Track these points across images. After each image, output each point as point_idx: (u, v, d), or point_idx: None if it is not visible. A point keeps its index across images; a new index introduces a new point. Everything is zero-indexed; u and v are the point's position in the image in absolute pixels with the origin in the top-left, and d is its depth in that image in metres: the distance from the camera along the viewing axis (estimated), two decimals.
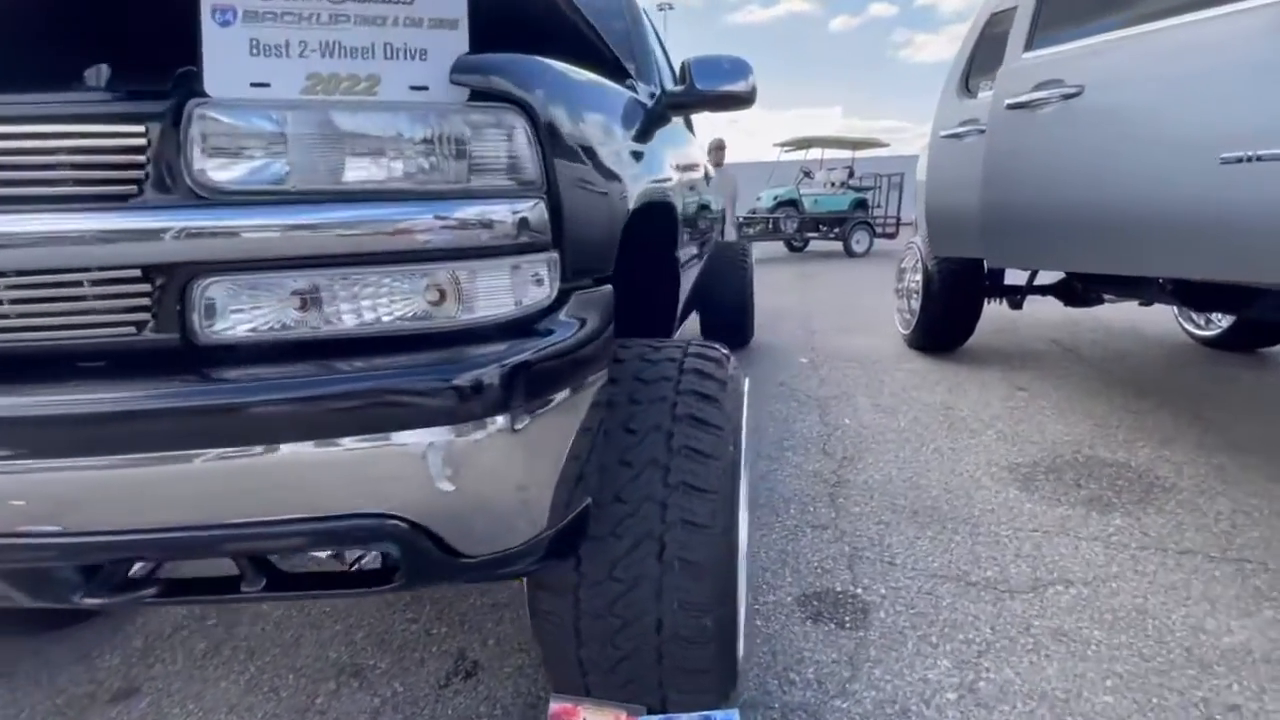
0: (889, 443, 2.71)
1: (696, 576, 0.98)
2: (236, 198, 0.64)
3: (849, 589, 1.71)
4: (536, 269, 0.77)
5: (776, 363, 4.10)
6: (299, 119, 0.64)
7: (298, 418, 0.63)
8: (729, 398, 1.13)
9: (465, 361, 0.68)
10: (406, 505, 0.68)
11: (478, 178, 0.70)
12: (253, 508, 0.65)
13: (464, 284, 0.71)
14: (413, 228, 0.67)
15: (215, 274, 0.65)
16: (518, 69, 0.73)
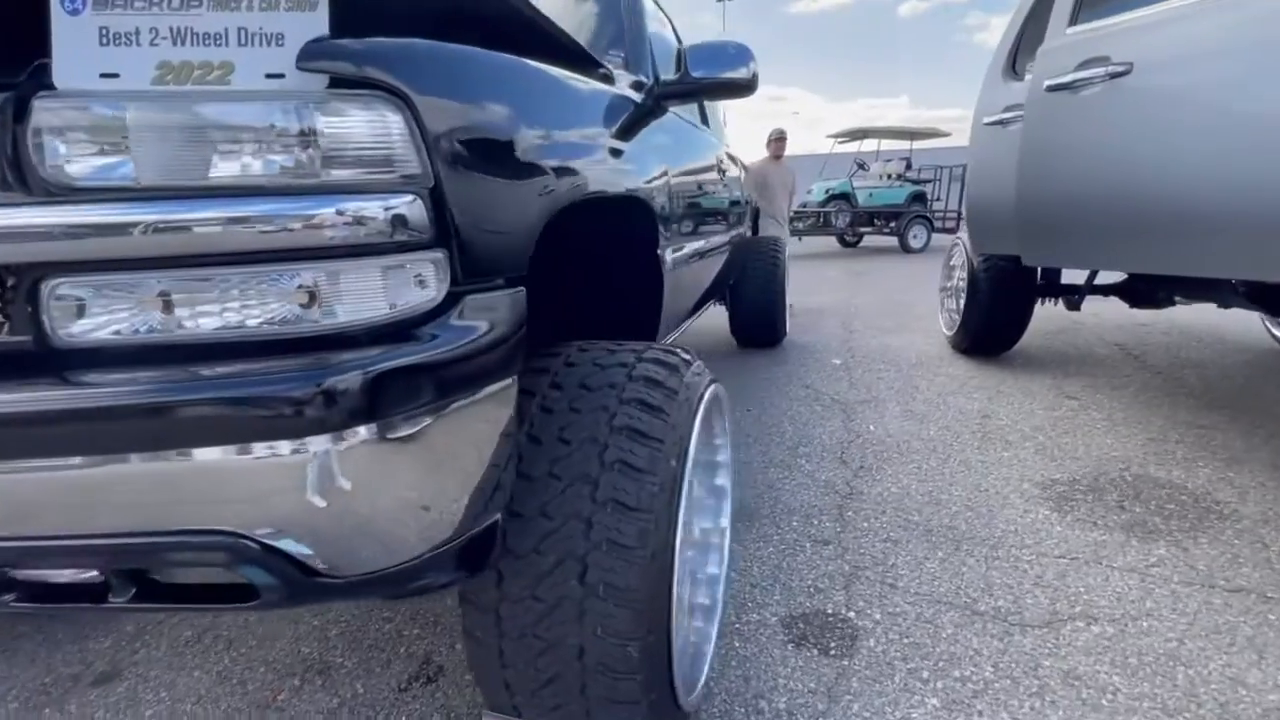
0: (913, 453, 2.54)
1: (620, 602, 0.91)
2: (82, 195, 0.61)
3: (841, 611, 1.59)
4: (418, 269, 0.71)
5: (806, 364, 3.94)
6: (143, 111, 0.60)
7: (132, 427, 0.60)
8: (677, 409, 1.05)
9: (319, 369, 0.63)
10: (254, 522, 0.64)
11: (341, 171, 0.65)
12: (90, 520, 0.62)
13: (327, 286, 0.66)
14: (268, 226, 0.63)
15: (65, 274, 0.62)
16: (387, 52, 0.67)
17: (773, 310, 4.06)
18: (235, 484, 0.63)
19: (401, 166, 0.68)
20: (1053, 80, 2.11)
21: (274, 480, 0.64)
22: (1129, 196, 1.89)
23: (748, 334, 4.28)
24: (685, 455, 1.03)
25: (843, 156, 12.22)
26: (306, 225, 0.64)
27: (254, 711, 1.35)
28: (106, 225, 0.61)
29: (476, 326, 0.77)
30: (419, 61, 0.70)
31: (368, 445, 0.66)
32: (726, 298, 4.17)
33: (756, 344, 4.34)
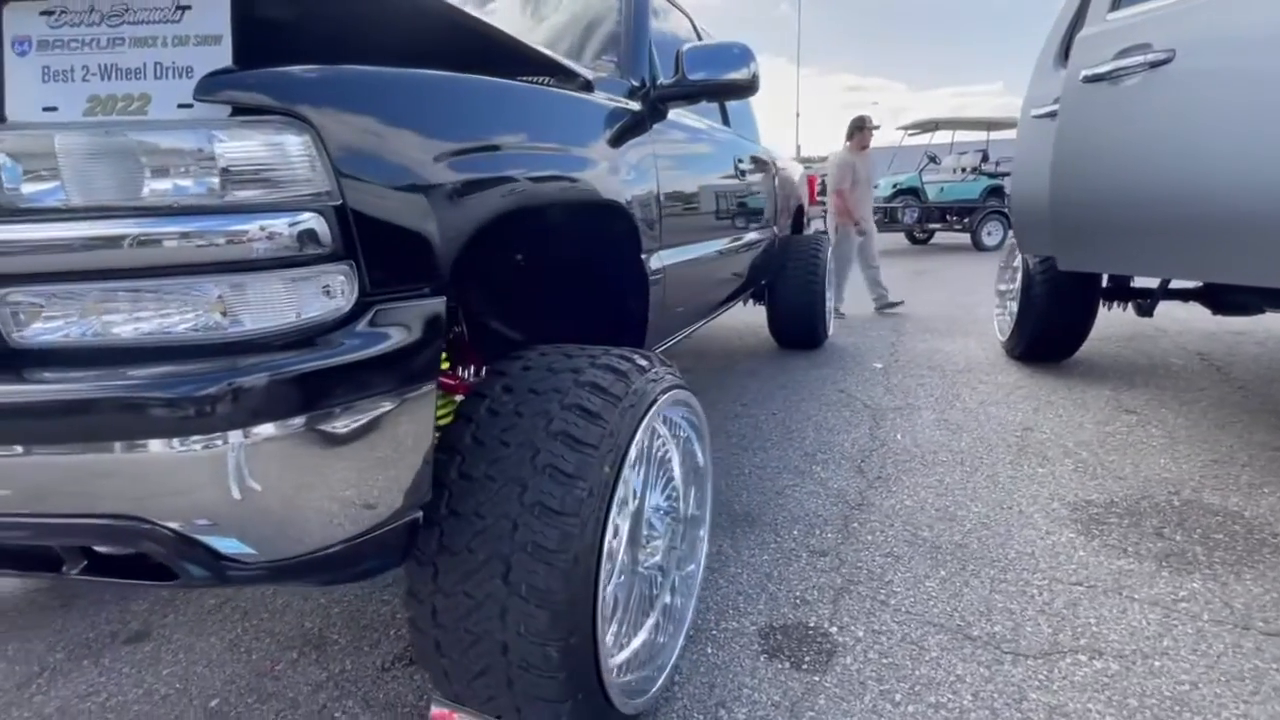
0: (938, 465, 2.43)
1: (540, 603, 0.93)
2: (24, 215, 0.69)
3: (823, 625, 1.56)
4: (325, 280, 0.76)
5: (844, 367, 3.82)
6: (71, 139, 0.68)
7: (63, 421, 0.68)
8: (618, 415, 1.07)
9: (223, 372, 0.69)
10: (164, 510, 0.71)
11: (247, 191, 0.71)
12: (30, 502, 0.71)
13: (236, 297, 0.72)
14: (180, 242, 0.69)
15: (13, 285, 0.71)
16: (287, 80, 0.72)
17: (811, 311, 3.95)
18: (145, 475, 0.70)
19: (306, 185, 0.73)
20: (1090, 70, 1.94)
21: (181, 473, 0.70)
22: (1171, 197, 1.72)
23: (786, 335, 4.20)
24: (621, 462, 1.04)
25: (913, 149, 11.64)
26: (214, 241, 0.70)
27: (253, 679, 1.46)
28: (43, 242, 0.69)
29: (387, 334, 0.81)
30: (320, 86, 0.75)
31: (272, 443, 0.72)
32: (765, 298, 4.10)
33: (795, 345, 4.24)
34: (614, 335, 1.67)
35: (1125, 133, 1.85)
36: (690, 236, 1.96)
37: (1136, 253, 1.98)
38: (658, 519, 1.47)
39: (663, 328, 1.89)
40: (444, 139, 0.89)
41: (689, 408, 1.40)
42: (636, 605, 1.34)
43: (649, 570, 1.39)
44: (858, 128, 5.44)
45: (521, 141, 1.07)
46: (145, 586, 0.81)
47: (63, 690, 1.45)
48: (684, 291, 1.97)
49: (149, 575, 0.81)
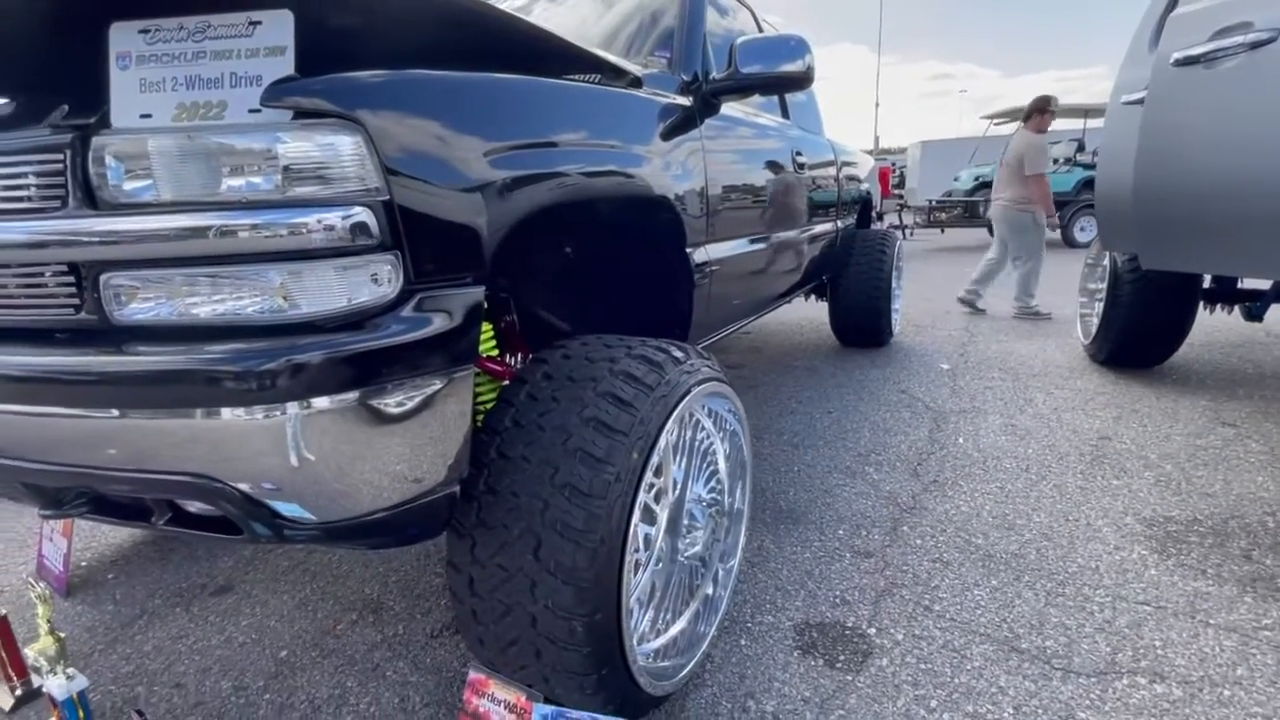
0: (1000, 471, 2.32)
1: (565, 579, 0.98)
2: (123, 210, 0.79)
3: (861, 626, 1.53)
4: (374, 269, 0.83)
5: (909, 366, 3.68)
6: (161, 142, 0.77)
7: (147, 389, 0.77)
8: (649, 404, 1.10)
9: (276, 350, 0.77)
10: (227, 471, 0.80)
11: (304, 187, 0.78)
12: (125, 458, 0.81)
13: (293, 283, 0.79)
14: (248, 233, 0.77)
15: (114, 269, 0.81)
16: (342, 85, 0.79)
17: (875, 309, 3.83)
18: (217, 439, 0.79)
19: (357, 182, 0.80)
20: (1182, 53, 1.78)
21: (247, 439, 0.79)
22: (1272, 190, 1.56)
23: (848, 332, 4.09)
24: (651, 449, 1.07)
25: (999, 140, 10.96)
26: (278, 232, 0.78)
27: (317, 635, 1.60)
28: (138, 232, 0.79)
29: (429, 319, 0.87)
30: (372, 91, 0.82)
31: (323, 415, 0.79)
32: (827, 294, 4.01)
33: (857, 343, 4.13)
34: (659, 327, 1.70)
35: (1220, 120, 1.69)
36: (740, 231, 1.96)
37: (1226, 251, 1.82)
38: (699, 510, 1.50)
39: (710, 321, 1.90)
40: (486, 138, 0.94)
41: (728, 401, 1.41)
42: (676, 593, 1.38)
43: (690, 560, 1.42)
44: (1039, 109, 4.87)
45: (563, 139, 1.11)
46: (217, 540, 0.91)
47: (158, 632, 1.63)
48: (733, 286, 1.97)
49: (220, 530, 0.90)
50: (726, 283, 1.88)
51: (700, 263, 1.66)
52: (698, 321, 1.76)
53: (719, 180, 1.75)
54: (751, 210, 2.03)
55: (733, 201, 1.87)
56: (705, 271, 1.69)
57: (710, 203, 1.68)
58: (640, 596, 1.36)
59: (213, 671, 1.49)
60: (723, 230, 1.81)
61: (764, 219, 2.17)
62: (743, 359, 4.03)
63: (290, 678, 1.45)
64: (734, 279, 1.95)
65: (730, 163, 1.87)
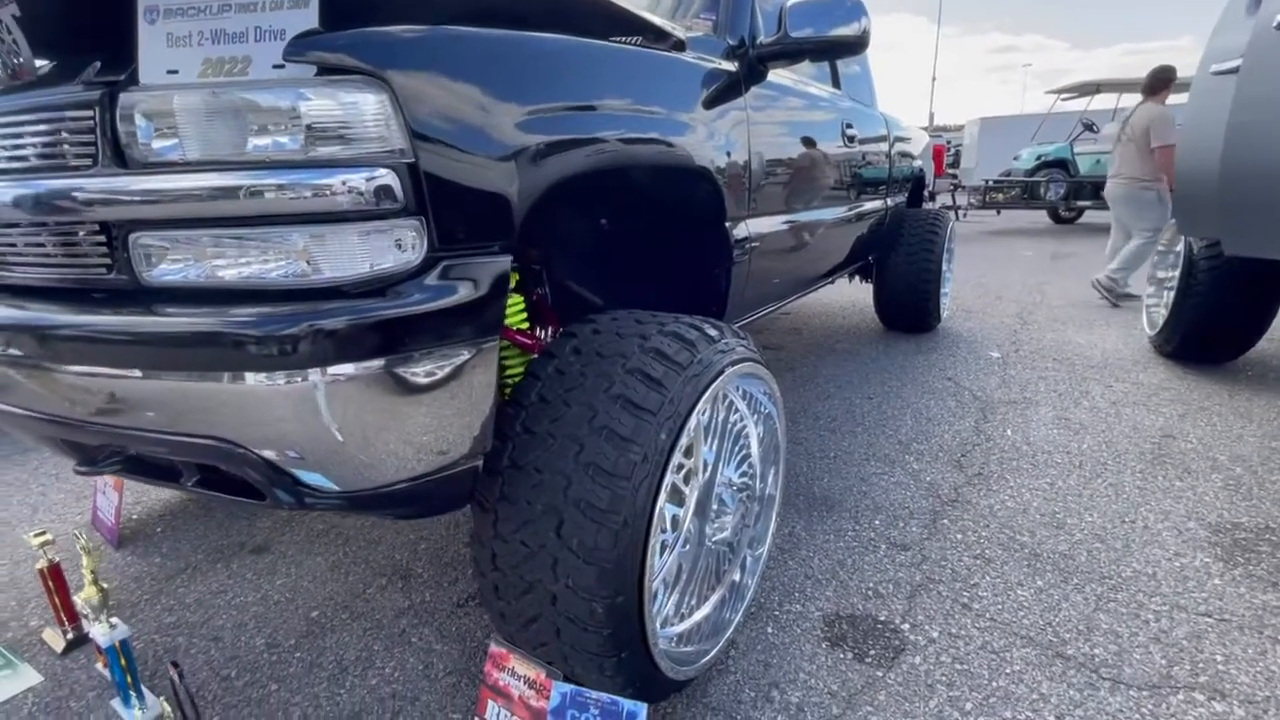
0: (1050, 466, 2.20)
1: (587, 559, 0.95)
2: (151, 169, 0.78)
3: (894, 621, 1.48)
4: (398, 234, 0.80)
5: (956, 353, 3.53)
6: (186, 99, 0.75)
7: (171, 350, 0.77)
8: (680, 383, 1.05)
9: (295, 315, 0.75)
10: (248, 436, 0.79)
11: (327, 146, 0.75)
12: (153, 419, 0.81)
13: (314, 246, 0.77)
14: (271, 194, 0.75)
15: (142, 229, 0.81)
16: (367, 40, 0.75)
17: (923, 291, 3.67)
18: (240, 403, 0.78)
19: (381, 143, 0.77)
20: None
21: (267, 404, 0.78)
22: None
23: (893, 316, 3.94)
24: (680, 430, 1.03)
25: (1065, 117, 10.30)
26: (300, 193, 0.75)
27: (347, 598, 1.63)
28: (166, 191, 0.78)
29: (454, 288, 0.84)
30: (399, 47, 0.78)
31: (343, 383, 0.78)
32: (872, 275, 3.86)
33: (903, 328, 3.98)
34: (695, 304, 1.65)
35: None
36: (784, 206, 1.87)
37: None
38: (729, 495, 1.46)
39: (749, 299, 1.84)
40: (519, 101, 0.90)
41: (763, 383, 1.36)
42: (702, 578, 1.35)
43: (717, 545, 1.39)
44: (1164, 80, 4.51)
45: (600, 104, 1.06)
46: (243, 504, 0.91)
47: (199, 586, 1.69)
48: (774, 264, 1.89)
49: (246, 494, 0.91)
50: (767, 260, 1.81)
51: (740, 238, 1.59)
52: (735, 299, 1.69)
53: (763, 152, 1.67)
54: (796, 185, 1.94)
55: (777, 175, 1.78)
56: (745, 248, 1.62)
57: (753, 175, 1.61)
58: (666, 578, 1.34)
59: (248, 627, 1.53)
60: (765, 205, 1.73)
61: (809, 194, 2.08)
62: (781, 340, 3.93)
63: (320, 638, 1.49)
64: (775, 256, 1.88)
65: (776, 134, 1.78)
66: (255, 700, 1.32)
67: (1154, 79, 4.54)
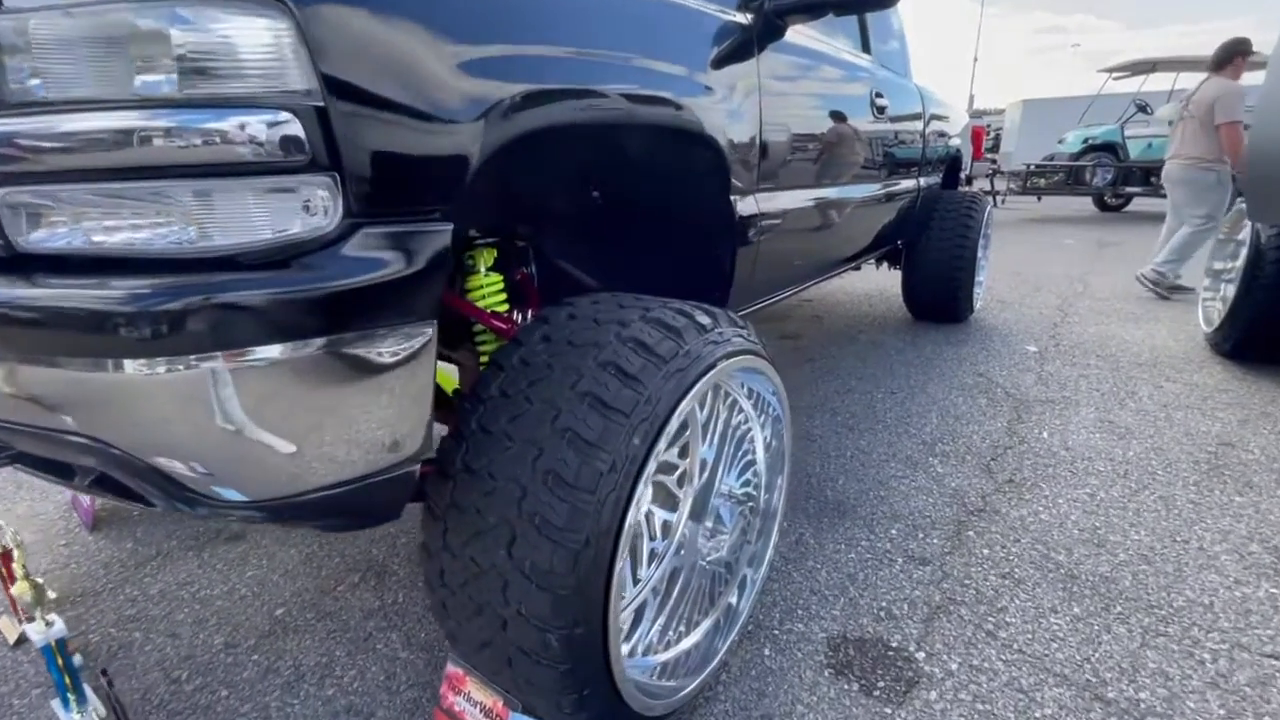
0: (1091, 475, 2.00)
1: (540, 584, 0.82)
2: (16, 108, 0.65)
3: (906, 647, 1.32)
4: (306, 194, 0.66)
5: (990, 347, 3.30)
6: (44, 22, 0.62)
7: (32, 330, 0.64)
8: (660, 379, 0.90)
9: (173, 290, 0.62)
10: (121, 435, 0.66)
11: (213, 84, 0.61)
12: (13, 409, 0.69)
13: (199, 206, 0.64)
14: (142, 139, 0.62)
15: (7, 184, 0.67)
16: None
17: (954, 279, 3.44)
18: (103, 395, 0.65)
19: (281, 81, 0.63)
20: None
21: (135, 396, 0.65)
22: None
23: (921, 305, 3.71)
24: (658, 434, 0.88)
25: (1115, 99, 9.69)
26: (176, 140, 0.62)
27: (316, 595, 1.52)
28: (29, 136, 0.65)
29: (377, 261, 0.70)
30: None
31: (232, 373, 0.64)
32: (901, 260, 3.63)
33: (932, 317, 3.75)
34: (696, 287, 1.49)
35: None
36: (800, 181, 1.69)
37: None
38: (728, 510, 1.31)
39: (761, 282, 1.66)
40: (460, 38, 0.74)
41: (766, 379, 1.20)
42: (694, 601, 1.21)
43: (712, 564, 1.24)
44: (1239, 52, 4.06)
45: (566, 46, 0.89)
46: (140, 507, 0.79)
47: (167, 576, 1.60)
48: (787, 244, 1.71)
49: (139, 497, 0.79)
50: (779, 240, 1.63)
51: (747, 215, 1.42)
52: (742, 283, 1.53)
53: (777, 118, 1.49)
54: (815, 158, 1.74)
55: (793, 145, 1.59)
56: (753, 225, 1.45)
57: (764, 144, 1.43)
58: (655, 587, 1.20)
59: (209, 624, 1.44)
60: (778, 179, 1.55)
61: (830, 170, 1.88)
62: (801, 328, 3.74)
63: (281, 639, 1.39)
64: (789, 236, 1.70)
65: (793, 98, 1.59)
66: (202, 708, 1.22)
67: (1225, 51, 4.14)
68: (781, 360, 3.14)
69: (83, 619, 1.47)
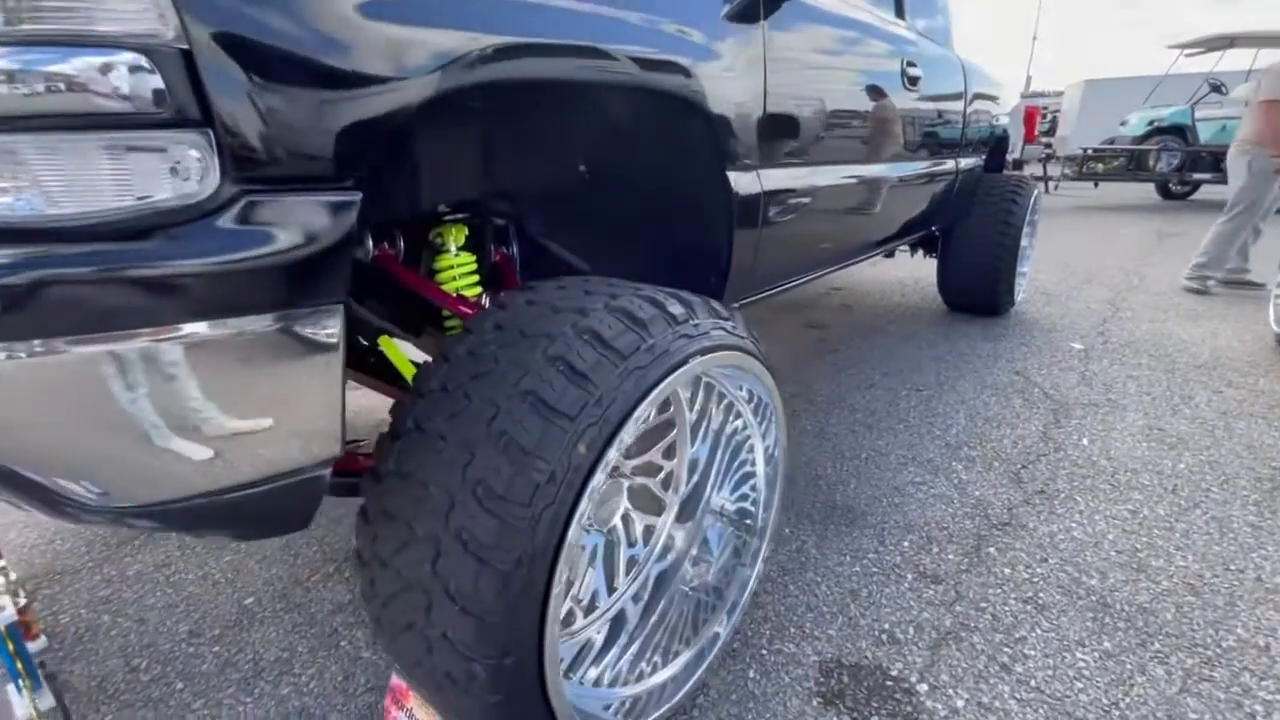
0: (1134, 489, 1.81)
1: (464, 608, 0.72)
2: None
3: (907, 678, 1.19)
4: (171, 154, 0.56)
5: (1030, 343, 3.07)
6: None
7: None
8: (616, 377, 0.79)
9: (14, 265, 0.53)
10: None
11: (50, 17, 0.52)
12: None
13: (46, 166, 0.54)
14: None
15: None
16: None
17: (994, 269, 3.21)
18: None
19: (135, 17, 0.53)
20: None
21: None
22: None
23: (958, 295, 3.48)
24: (608, 443, 0.77)
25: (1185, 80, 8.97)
26: (13, 84, 0.52)
27: (288, 585, 1.47)
28: None
29: (262, 235, 0.60)
30: None
31: (85, 361, 0.56)
32: (937, 248, 3.41)
33: (968, 309, 3.52)
34: (690, 272, 1.36)
35: None
36: (812, 157, 1.53)
37: None
38: (716, 532, 1.20)
39: (767, 268, 1.52)
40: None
41: (753, 378, 1.07)
42: (674, 628, 1.11)
43: (695, 591, 1.14)
44: None
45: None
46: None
47: (145, 557, 1.57)
48: (797, 226, 1.56)
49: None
50: (788, 221, 1.49)
51: (747, 193, 1.28)
52: (744, 268, 1.39)
53: (786, 85, 1.34)
54: (833, 133, 1.58)
55: (805, 117, 1.44)
56: (755, 205, 1.31)
57: (769, 114, 1.28)
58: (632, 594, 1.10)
59: (177, 609, 1.40)
60: (786, 154, 1.40)
61: (851, 146, 1.72)
62: (828, 318, 3.55)
63: (246, 630, 1.34)
64: (799, 218, 1.55)
65: (806, 64, 1.43)
66: (154, 700, 1.18)
67: None
68: (803, 351, 2.98)
69: (56, 599, 1.45)
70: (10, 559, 1.57)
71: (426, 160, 1.12)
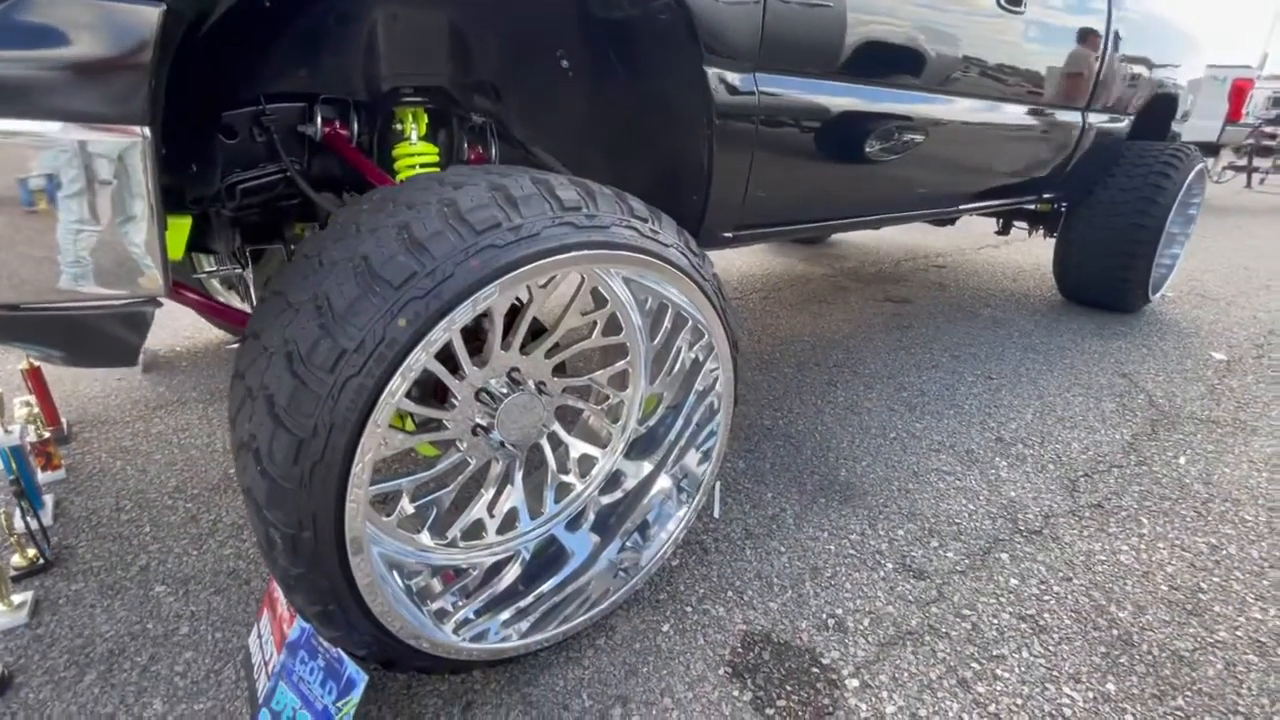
0: (1230, 522, 1.45)
1: (261, 468, 0.69)
2: None
3: (838, 668, 1.03)
4: None
5: (1155, 346, 2.57)
6: None
7: None
8: (461, 253, 0.71)
9: None
10: None
11: None
12: None
13: None
14: None
15: None
16: None
17: (1127, 253, 2.69)
18: None
19: None
20: None
21: None
22: None
23: (1076, 283, 2.98)
24: (435, 319, 0.69)
25: None
26: None
27: None
28: None
29: (42, 30, 0.57)
30: None
31: None
32: (1058, 227, 2.93)
33: (1090, 300, 3.00)
34: (672, 183, 1.23)
35: None
36: (835, 69, 1.29)
37: None
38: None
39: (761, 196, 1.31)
40: None
41: (684, 296, 0.94)
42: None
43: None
44: None
45: None
46: None
47: (170, 420, 1.73)
48: (809, 150, 1.35)
49: None
50: (795, 145, 1.29)
51: (734, 101, 1.11)
52: (729, 191, 1.23)
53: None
54: (868, 41, 1.33)
55: (823, 12, 1.22)
56: (742, 112, 1.14)
57: (766, 7, 1.09)
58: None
59: (175, 467, 1.53)
60: (793, 56, 1.20)
61: (897, 64, 1.44)
62: (913, 293, 3.19)
63: (220, 494, 1.43)
64: (812, 143, 1.34)
65: None
66: (123, 537, 1.29)
67: None
68: (869, 323, 2.70)
69: (90, 441, 1.63)
70: (72, 405, 1.80)
71: (385, 37, 1.08)
